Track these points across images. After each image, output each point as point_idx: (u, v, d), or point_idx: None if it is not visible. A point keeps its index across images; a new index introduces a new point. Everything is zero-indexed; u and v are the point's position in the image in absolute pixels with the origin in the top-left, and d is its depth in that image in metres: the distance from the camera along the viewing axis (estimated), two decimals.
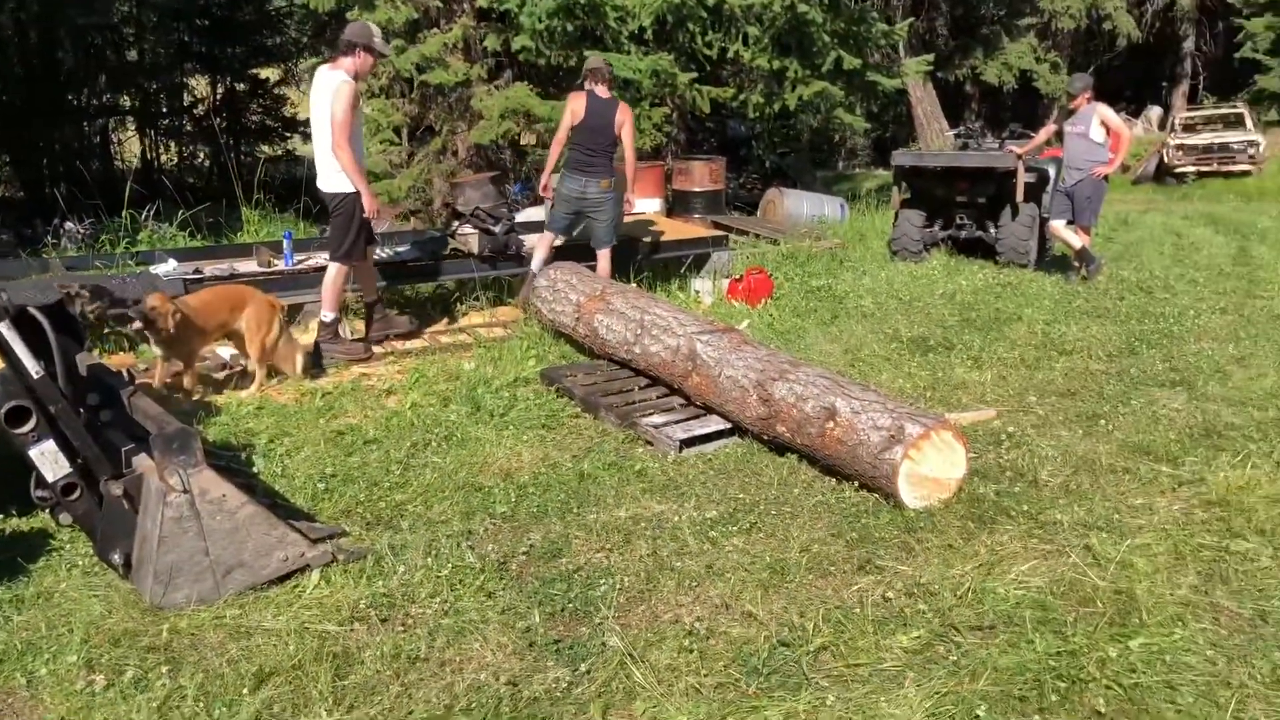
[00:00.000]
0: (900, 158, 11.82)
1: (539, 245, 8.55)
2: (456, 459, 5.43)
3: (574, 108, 8.24)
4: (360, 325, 7.88)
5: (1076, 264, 10.23)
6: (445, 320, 8.60)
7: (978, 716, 3.14)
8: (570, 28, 12.61)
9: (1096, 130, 10.01)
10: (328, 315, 7.33)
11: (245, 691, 3.30)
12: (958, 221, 11.57)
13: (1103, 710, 3.20)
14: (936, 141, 21.94)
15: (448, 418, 6.04)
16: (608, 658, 3.53)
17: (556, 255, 8.60)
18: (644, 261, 9.50)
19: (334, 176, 7.05)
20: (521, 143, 14.51)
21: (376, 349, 7.50)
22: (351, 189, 7.03)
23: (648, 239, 9.89)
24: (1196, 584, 4.02)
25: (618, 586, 4.07)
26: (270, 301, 6.69)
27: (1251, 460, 5.18)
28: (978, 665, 3.42)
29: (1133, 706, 3.21)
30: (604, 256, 8.50)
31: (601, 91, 8.22)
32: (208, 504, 3.91)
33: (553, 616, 3.85)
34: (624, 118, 8.22)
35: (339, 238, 7.17)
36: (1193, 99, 30.34)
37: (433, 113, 13.62)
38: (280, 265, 8.04)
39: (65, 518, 4.14)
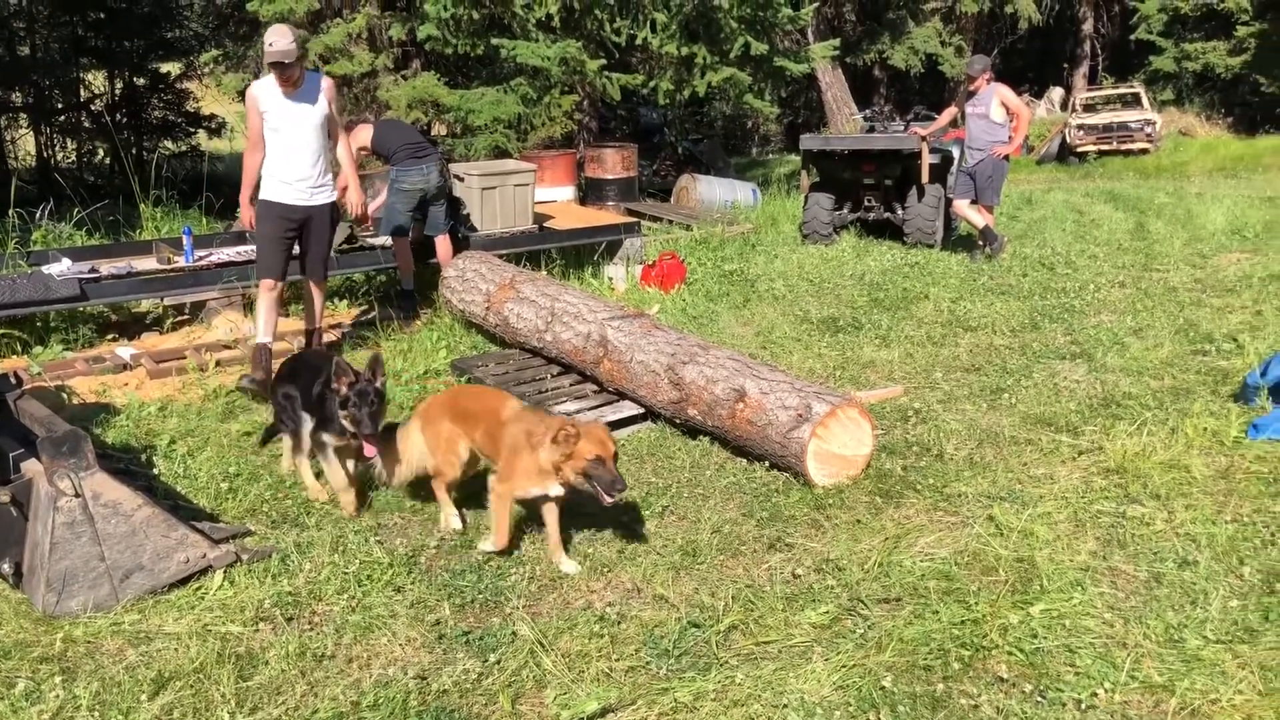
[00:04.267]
0: (808, 141, 11.92)
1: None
2: None
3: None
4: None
5: (980, 243, 10.44)
6: (354, 313, 8.45)
7: (883, 688, 3.19)
8: (476, 15, 12.47)
9: (997, 111, 10.20)
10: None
11: (144, 698, 3.21)
12: (866, 204, 11.72)
13: (1005, 675, 3.27)
14: (847, 126, 22.19)
15: None
16: (518, 647, 3.51)
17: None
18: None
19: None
20: (431, 133, 14.33)
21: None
22: (265, 197, 6.52)
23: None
24: (1095, 549, 4.14)
25: (529, 575, 4.06)
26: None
27: (1147, 428, 5.34)
28: (884, 637, 3.48)
29: (1033, 670, 3.29)
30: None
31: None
32: (102, 507, 3.79)
33: (463, 608, 3.81)
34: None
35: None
36: (1092, 80, 31.14)
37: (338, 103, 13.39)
38: (180, 262, 7.82)
39: None
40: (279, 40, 6.05)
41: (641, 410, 5.81)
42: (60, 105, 18.99)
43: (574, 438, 3.90)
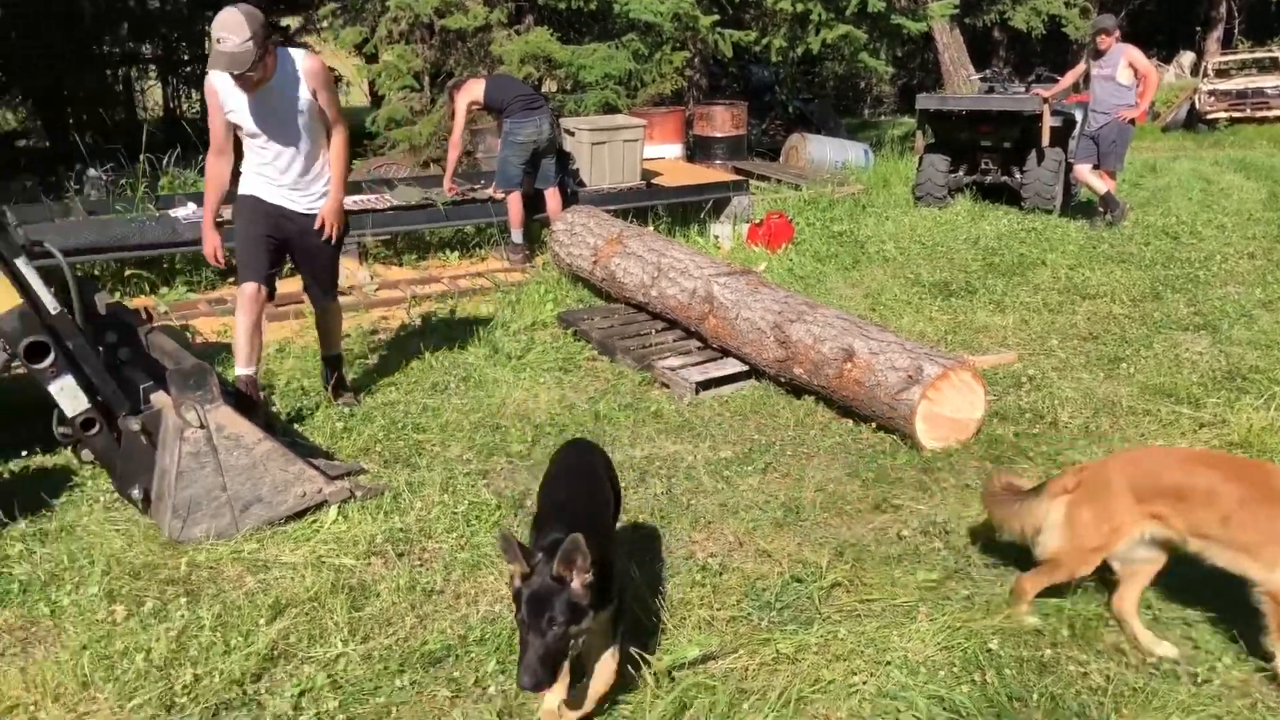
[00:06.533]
0: (925, 101, 11.63)
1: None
2: (474, 400, 5.44)
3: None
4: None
5: (1101, 209, 10.07)
6: (465, 264, 8.58)
7: (989, 650, 3.14)
8: None
9: (1124, 73, 9.80)
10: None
11: (262, 622, 3.34)
12: (982, 166, 11.40)
13: (1124, 648, 3.19)
14: (964, 88, 21.58)
15: (466, 360, 6.04)
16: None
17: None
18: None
19: None
20: (542, 89, 14.38)
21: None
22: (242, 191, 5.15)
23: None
24: None
25: (633, 523, 4.09)
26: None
27: (1276, 402, 5.12)
28: (992, 600, 3.42)
29: None
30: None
31: None
32: (225, 440, 3.94)
33: None
34: None
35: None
36: (1227, 43, 29.64)
37: (452, 58, 13.49)
38: None
39: (86, 454, 4.17)
40: (228, 38, 4.40)
41: (745, 368, 5.78)
42: (186, 57, 19.51)
43: None
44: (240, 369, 5.04)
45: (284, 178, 4.97)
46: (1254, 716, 2.88)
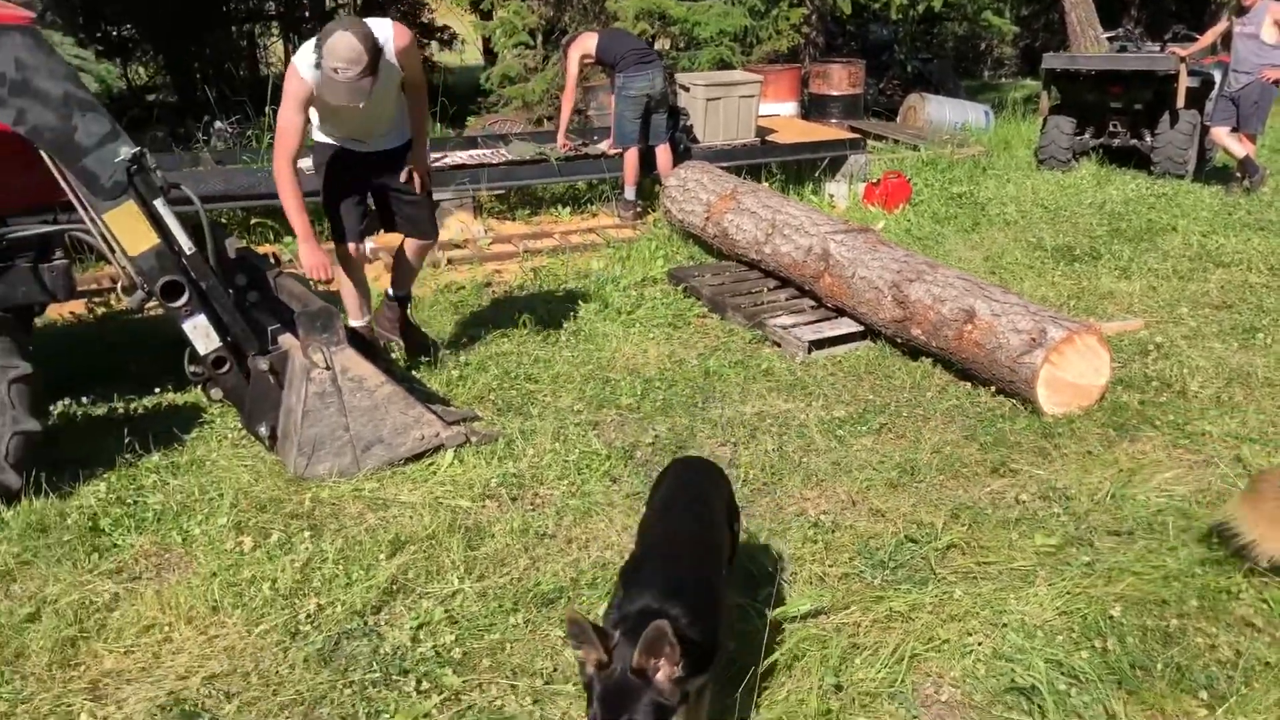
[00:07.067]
0: (1051, 60, 11.20)
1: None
2: (584, 353, 5.48)
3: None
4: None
5: (1239, 174, 9.59)
6: (577, 219, 8.61)
7: (1111, 617, 3.06)
8: None
9: (1269, 31, 9.25)
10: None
11: (382, 557, 3.44)
12: (1111, 129, 10.94)
13: (1257, 624, 3.07)
14: (1092, 49, 20.75)
15: (576, 314, 6.08)
16: None
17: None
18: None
19: None
20: (656, 46, 14.29)
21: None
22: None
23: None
24: None
25: (743, 478, 4.08)
26: None
27: None
28: (1114, 568, 3.32)
29: None
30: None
31: None
32: (349, 381, 4.04)
33: None
34: None
35: None
36: None
37: (567, 14, 13.50)
38: None
39: (216, 392, 4.33)
40: (346, 69, 4.19)
41: (860, 328, 5.69)
42: (308, 14, 19.95)
43: None
44: (354, 322, 5.12)
45: (370, 143, 4.88)
46: None
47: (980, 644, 2.97)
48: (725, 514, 2.93)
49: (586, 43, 8.26)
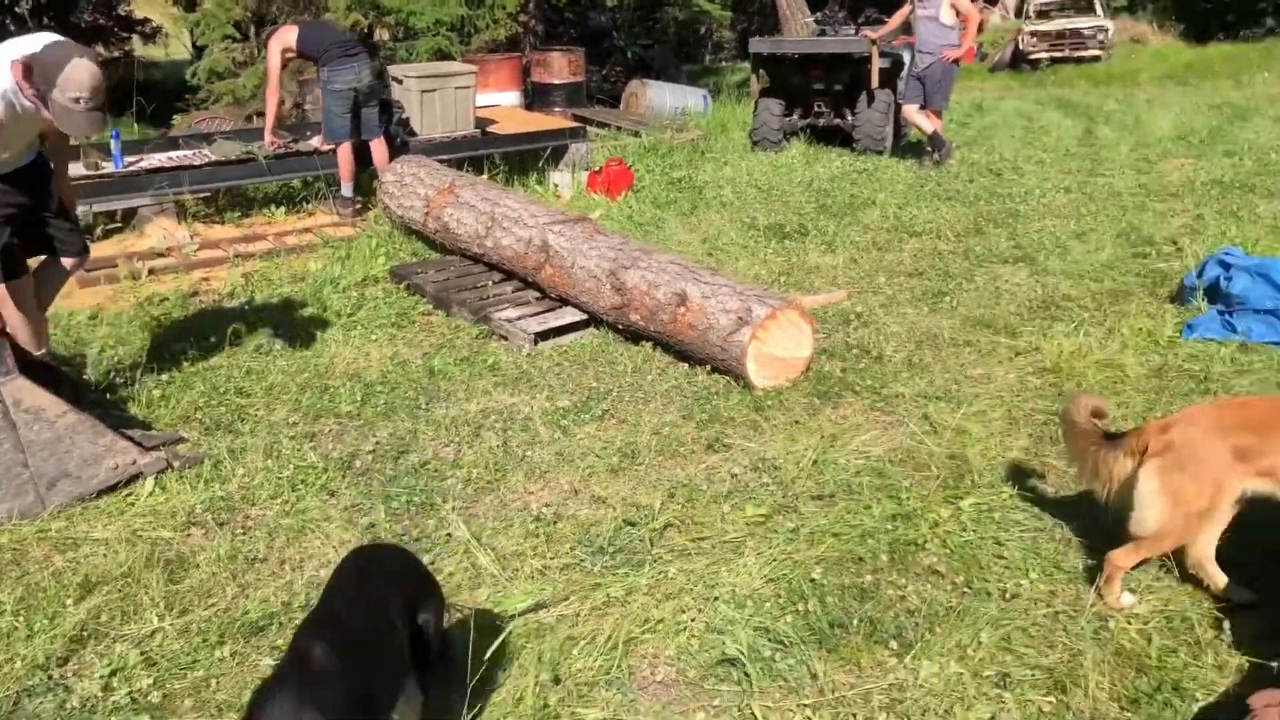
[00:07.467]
0: (757, 45, 11.72)
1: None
2: (301, 361, 5.27)
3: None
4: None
5: (929, 149, 10.38)
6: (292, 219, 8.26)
7: (813, 580, 3.23)
8: None
9: (946, 14, 10.04)
10: None
11: (69, 602, 3.18)
12: (815, 109, 11.58)
13: (934, 568, 3.32)
14: (801, 32, 21.85)
15: (292, 320, 5.83)
16: (453, 548, 3.51)
17: None
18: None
19: None
20: (373, 38, 13.90)
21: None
22: None
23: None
24: (1028, 445, 4.20)
25: (466, 478, 4.04)
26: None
27: (1084, 329, 5.41)
28: (816, 531, 3.51)
29: (962, 563, 3.35)
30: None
31: None
32: (24, 414, 3.71)
33: (398, 512, 3.79)
34: None
35: None
36: None
37: (274, 6, 12.92)
38: (109, 168, 7.57)
39: None
40: (88, 99, 3.93)
41: (584, 317, 5.75)
42: None
43: None
44: (35, 354, 4.55)
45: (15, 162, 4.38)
46: (1054, 625, 3.04)
47: (694, 620, 3.07)
48: (404, 611, 2.48)
49: (287, 36, 7.91)
